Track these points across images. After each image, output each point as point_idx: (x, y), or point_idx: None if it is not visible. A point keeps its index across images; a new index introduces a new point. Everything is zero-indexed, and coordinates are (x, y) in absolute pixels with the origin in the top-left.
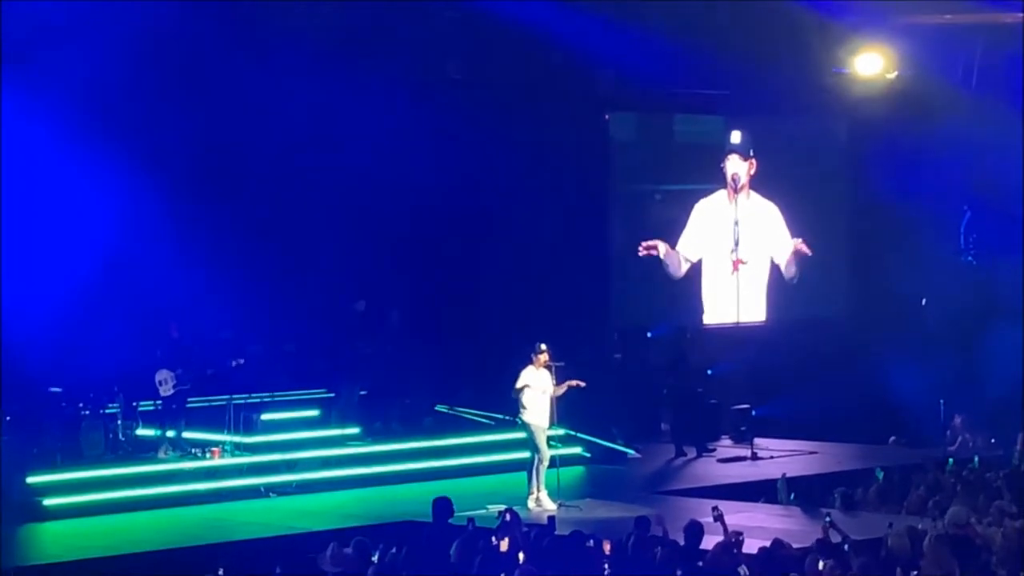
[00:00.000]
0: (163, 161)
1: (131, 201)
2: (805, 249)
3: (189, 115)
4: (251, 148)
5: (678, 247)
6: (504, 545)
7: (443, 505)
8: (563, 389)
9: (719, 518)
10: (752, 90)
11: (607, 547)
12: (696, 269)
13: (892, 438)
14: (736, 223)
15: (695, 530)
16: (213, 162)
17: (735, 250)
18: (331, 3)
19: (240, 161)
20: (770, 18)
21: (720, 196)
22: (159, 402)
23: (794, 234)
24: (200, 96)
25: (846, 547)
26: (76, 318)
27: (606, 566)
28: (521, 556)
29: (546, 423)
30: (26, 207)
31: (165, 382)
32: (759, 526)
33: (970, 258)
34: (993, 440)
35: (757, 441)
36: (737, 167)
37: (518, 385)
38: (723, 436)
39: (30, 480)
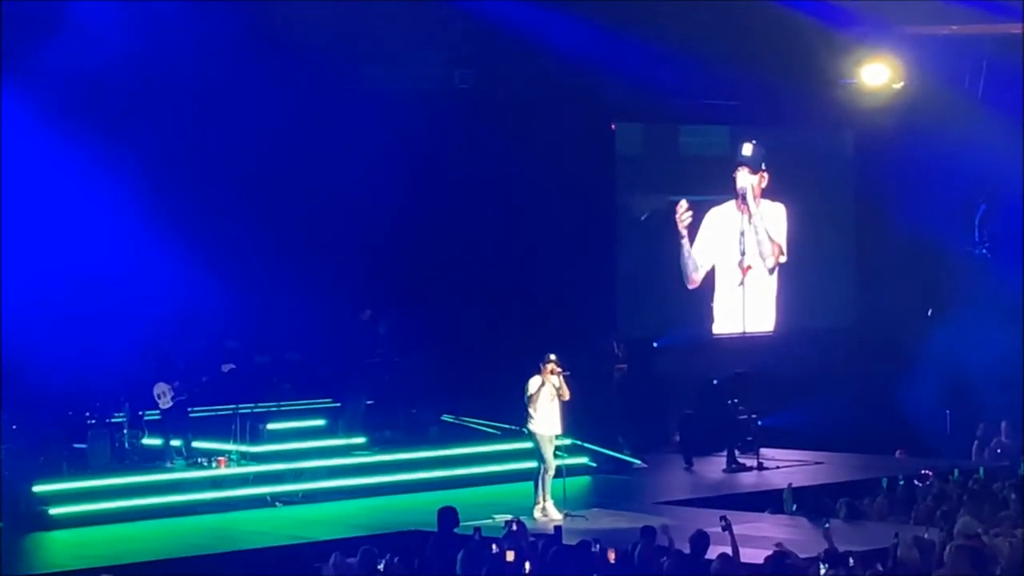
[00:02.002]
0: (169, 172)
1: (137, 211)
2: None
3: (194, 123)
4: (256, 158)
5: (692, 251)
6: (511, 555)
7: (448, 515)
8: (565, 390)
9: (727, 528)
10: (758, 101)
11: (612, 556)
12: (708, 279)
13: (898, 451)
14: (743, 233)
15: (701, 540)
16: (219, 172)
17: (742, 260)
18: (337, 11)
19: (246, 171)
20: (776, 29)
21: (730, 205)
22: (159, 414)
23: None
24: (206, 103)
25: (851, 561)
26: (82, 327)
27: None
28: (527, 566)
29: (553, 432)
30: (30, 216)
31: (163, 395)
32: (764, 536)
33: (984, 251)
34: (1000, 451)
35: (763, 451)
36: (746, 180)
37: (529, 392)
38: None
39: (36, 489)
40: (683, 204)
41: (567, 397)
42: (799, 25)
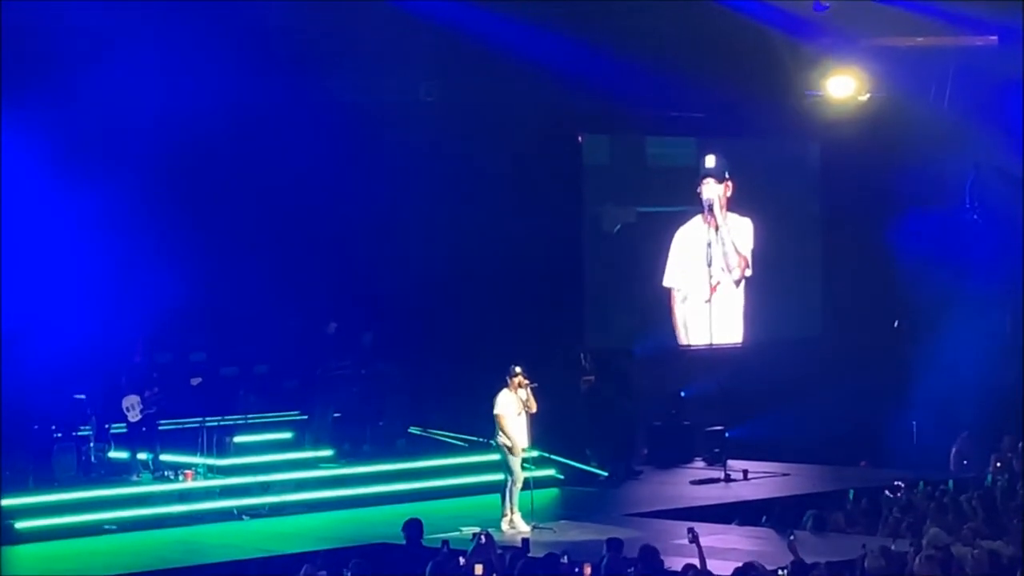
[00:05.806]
0: (136, 186)
1: (102, 225)
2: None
3: (154, 138)
4: (225, 171)
5: (666, 282)
6: (478, 568)
7: (413, 527)
8: (532, 402)
9: (694, 540)
10: (725, 113)
11: (587, 570)
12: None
13: (863, 462)
14: (709, 244)
15: (650, 554)
16: (185, 184)
17: (709, 271)
18: (302, 24)
19: (212, 183)
20: (743, 41)
21: (696, 221)
22: (126, 427)
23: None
24: (170, 115)
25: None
26: (47, 339)
27: None
28: None
29: (521, 445)
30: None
31: (132, 408)
32: (732, 548)
33: (976, 217)
34: (966, 462)
35: (731, 463)
36: (712, 192)
37: (496, 412)
38: (696, 458)
39: (2, 503)
40: None
41: (534, 410)
42: (765, 37)
